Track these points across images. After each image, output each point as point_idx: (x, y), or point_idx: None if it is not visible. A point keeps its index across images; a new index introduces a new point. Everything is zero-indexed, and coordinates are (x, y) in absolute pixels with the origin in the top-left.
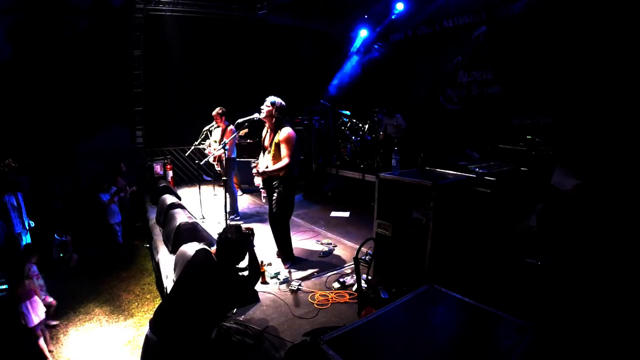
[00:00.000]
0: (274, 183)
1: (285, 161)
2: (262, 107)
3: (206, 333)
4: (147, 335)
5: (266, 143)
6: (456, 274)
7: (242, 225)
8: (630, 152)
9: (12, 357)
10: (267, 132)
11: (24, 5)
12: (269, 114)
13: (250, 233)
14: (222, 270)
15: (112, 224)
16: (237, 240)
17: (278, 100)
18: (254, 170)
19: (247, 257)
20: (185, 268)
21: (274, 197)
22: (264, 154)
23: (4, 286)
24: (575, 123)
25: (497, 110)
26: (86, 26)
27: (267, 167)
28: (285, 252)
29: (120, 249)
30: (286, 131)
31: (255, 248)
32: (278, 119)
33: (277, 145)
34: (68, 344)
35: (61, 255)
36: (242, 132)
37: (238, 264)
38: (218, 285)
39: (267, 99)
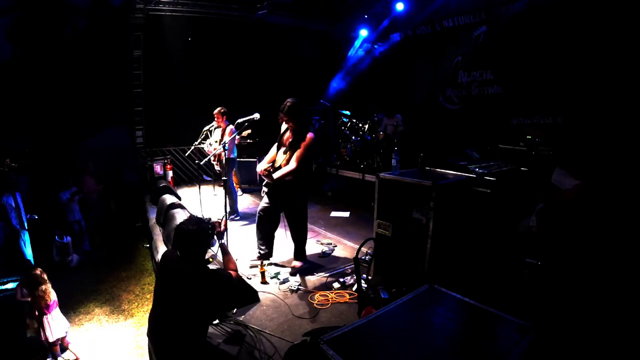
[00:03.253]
0: (284, 187)
1: (292, 165)
2: (284, 112)
3: (198, 334)
4: (148, 345)
5: (285, 140)
6: (456, 274)
7: (223, 220)
8: (631, 152)
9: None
10: (286, 128)
11: (24, 5)
12: (298, 118)
13: (212, 225)
14: (187, 266)
15: (72, 221)
16: (193, 231)
17: (293, 99)
18: (259, 167)
19: (219, 253)
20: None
21: (289, 208)
22: (278, 149)
23: (13, 284)
24: (576, 123)
25: (497, 110)
26: (86, 26)
27: (271, 169)
28: (302, 252)
29: (85, 246)
30: (310, 137)
31: (224, 242)
32: (301, 121)
33: (297, 148)
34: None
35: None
36: (244, 133)
37: (201, 257)
38: (189, 283)
39: (289, 102)
